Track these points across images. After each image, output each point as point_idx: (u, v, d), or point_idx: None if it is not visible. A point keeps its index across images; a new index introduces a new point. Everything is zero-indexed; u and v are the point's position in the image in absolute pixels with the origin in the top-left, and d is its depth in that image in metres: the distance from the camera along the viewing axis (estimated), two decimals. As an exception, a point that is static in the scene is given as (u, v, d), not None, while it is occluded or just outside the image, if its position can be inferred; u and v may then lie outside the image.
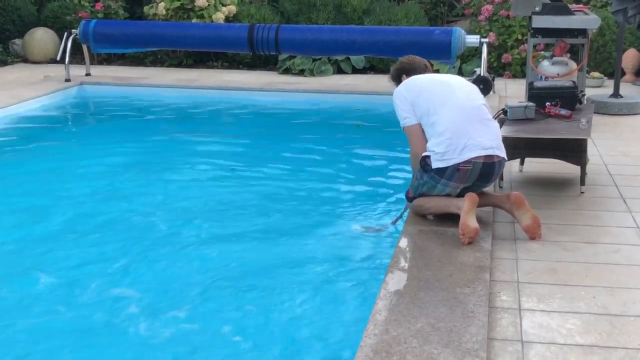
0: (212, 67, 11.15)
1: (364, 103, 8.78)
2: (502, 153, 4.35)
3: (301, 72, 10.38)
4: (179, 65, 11.21)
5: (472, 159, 4.22)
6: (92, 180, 6.03)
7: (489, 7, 10.39)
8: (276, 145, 7.29)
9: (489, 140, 4.27)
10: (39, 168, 6.35)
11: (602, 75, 9.66)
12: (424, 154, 4.36)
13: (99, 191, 5.73)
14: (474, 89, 4.51)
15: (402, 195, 4.64)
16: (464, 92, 4.41)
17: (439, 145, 4.26)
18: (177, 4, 10.68)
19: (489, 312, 3.30)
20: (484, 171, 4.27)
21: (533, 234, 4.23)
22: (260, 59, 10.95)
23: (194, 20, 10.57)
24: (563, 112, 5.17)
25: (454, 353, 2.90)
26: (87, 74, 9.87)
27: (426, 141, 4.37)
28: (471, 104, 4.35)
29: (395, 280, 3.61)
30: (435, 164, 4.27)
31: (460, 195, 4.26)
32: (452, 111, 4.28)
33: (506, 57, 10.21)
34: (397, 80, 4.73)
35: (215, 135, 7.73)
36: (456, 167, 4.24)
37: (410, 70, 4.68)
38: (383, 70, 10.71)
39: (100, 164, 6.53)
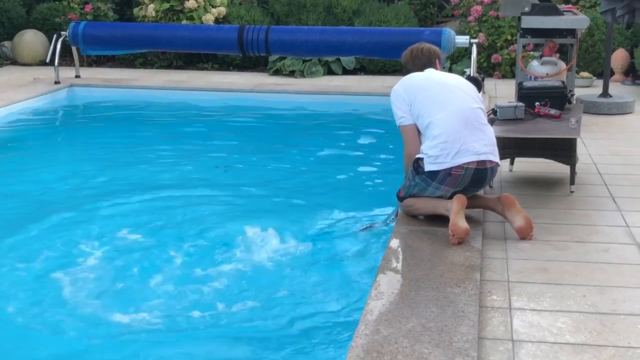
0: (202, 68, 11.13)
1: (355, 104, 8.79)
2: (496, 158, 4.35)
3: (291, 74, 10.38)
4: (169, 67, 11.19)
5: (464, 164, 4.22)
6: (81, 181, 6.01)
7: (479, 7, 10.42)
8: (267, 145, 7.29)
9: (482, 145, 4.27)
10: (27, 170, 6.33)
11: (591, 75, 9.69)
12: (417, 156, 4.36)
13: (88, 193, 5.71)
14: (472, 92, 4.46)
15: (393, 195, 4.64)
16: (462, 95, 4.37)
17: (433, 148, 4.25)
18: (167, 5, 10.66)
19: (479, 312, 3.31)
20: (476, 177, 4.27)
21: (525, 235, 4.23)
22: (251, 60, 10.94)
23: (184, 22, 10.55)
24: (552, 112, 5.19)
25: (445, 353, 2.91)
26: (77, 76, 9.83)
27: (420, 142, 4.37)
28: (468, 108, 4.31)
29: (386, 280, 3.62)
30: (427, 167, 4.27)
31: (452, 197, 4.26)
32: (448, 115, 4.26)
33: (496, 58, 10.24)
34: (405, 68, 4.69)
35: (206, 137, 7.72)
36: (448, 172, 4.24)
37: (416, 66, 4.60)
38: (373, 71, 10.73)
39: (89, 166, 6.52)
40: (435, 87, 4.40)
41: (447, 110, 4.28)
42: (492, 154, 4.31)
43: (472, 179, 4.27)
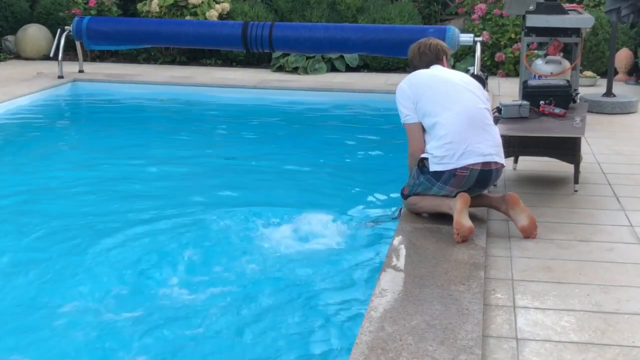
0: (206, 64, 11.14)
1: (358, 101, 8.79)
2: (501, 159, 4.33)
3: (295, 70, 10.38)
4: (173, 62, 11.20)
5: (469, 165, 4.21)
6: (83, 176, 6.01)
7: (483, 5, 10.40)
8: (269, 142, 7.29)
9: (488, 146, 4.25)
10: (30, 164, 6.33)
11: (594, 75, 9.69)
12: (422, 155, 4.35)
13: (90, 187, 5.71)
14: (479, 91, 4.42)
15: (397, 192, 4.64)
16: (469, 95, 4.34)
17: (438, 149, 4.24)
18: (171, 1, 10.65)
19: (483, 310, 3.31)
20: (480, 178, 4.26)
21: (529, 234, 4.23)
22: (254, 56, 10.94)
23: (188, 18, 10.55)
24: (557, 110, 5.19)
25: (449, 350, 2.91)
26: (80, 71, 9.84)
27: (425, 140, 4.36)
28: (474, 108, 4.29)
29: (390, 278, 3.62)
30: (432, 167, 4.26)
31: (456, 196, 4.25)
32: (455, 115, 4.24)
33: (499, 56, 10.24)
34: (411, 64, 4.65)
35: (209, 132, 7.72)
36: (453, 173, 4.23)
37: (422, 62, 4.56)
38: (377, 69, 10.73)
39: (92, 160, 6.52)
40: (441, 86, 4.37)
41: (453, 110, 4.26)
42: (497, 155, 4.29)
43: (477, 180, 4.26)
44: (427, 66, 4.55)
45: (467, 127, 4.23)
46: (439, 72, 4.49)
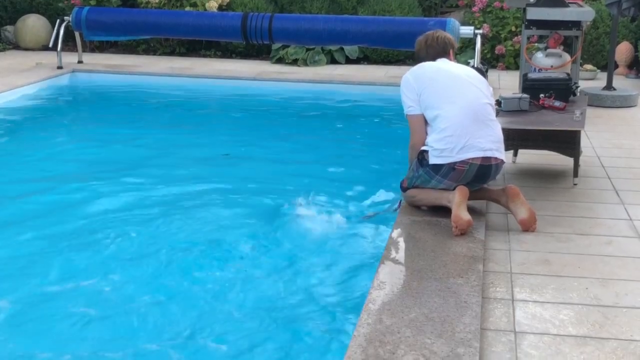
0: (205, 56, 11.12)
1: (358, 93, 8.77)
2: (501, 155, 4.31)
3: (294, 62, 10.36)
4: (172, 53, 11.18)
5: (469, 159, 4.19)
6: (82, 167, 6.01)
7: (483, -2, 10.40)
8: (269, 133, 7.28)
9: (489, 142, 4.24)
10: (29, 155, 6.32)
11: (595, 68, 9.68)
12: (422, 148, 4.34)
13: (89, 178, 5.71)
14: (483, 86, 4.39)
15: (396, 184, 4.63)
16: (473, 89, 4.31)
17: (439, 142, 4.23)
18: (170, -8, 10.64)
19: (482, 303, 3.31)
20: (480, 173, 4.25)
21: (528, 228, 4.22)
22: (254, 48, 10.92)
23: (187, 9, 10.52)
24: (557, 103, 5.18)
25: (448, 343, 2.91)
26: (79, 62, 9.82)
27: (427, 132, 4.35)
28: (477, 103, 4.26)
29: (389, 270, 3.61)
30: (432, 160, 4.25)
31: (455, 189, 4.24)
32: (457, 109, 4.22)
33: (500, 49, 10.22)
34: (417, 56, 4.61)
35: (208, 124, 7.71)
36: (452, 166, 4.22)
37: (429, 55, 4.52)
38: (377, 61, 10.71)
39: (90, 151, 6.51)
40: (446, 80, 4.35)
41: (456, 104, 4.24)
42: (497, 151, 4.28)
43: (476, 175, 4.25)
44: (433, 59, 4.52)
45: (469, 121, 4.21)
46: (444, 66, 4.46)
